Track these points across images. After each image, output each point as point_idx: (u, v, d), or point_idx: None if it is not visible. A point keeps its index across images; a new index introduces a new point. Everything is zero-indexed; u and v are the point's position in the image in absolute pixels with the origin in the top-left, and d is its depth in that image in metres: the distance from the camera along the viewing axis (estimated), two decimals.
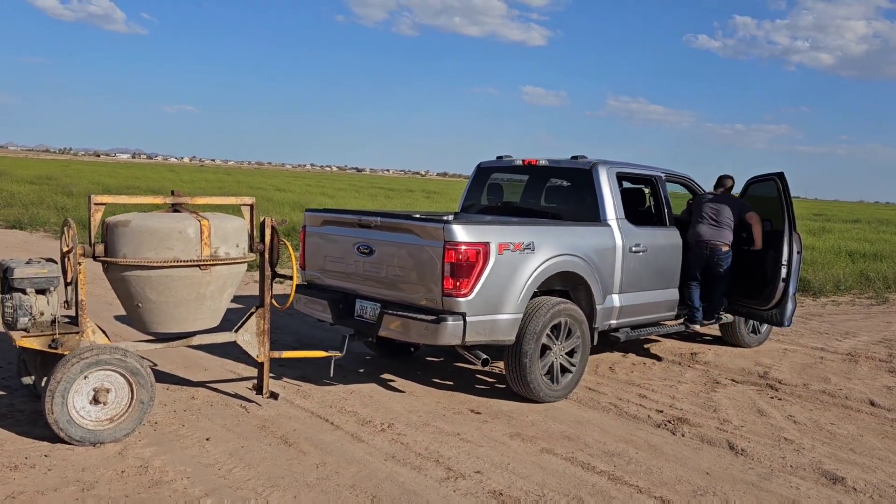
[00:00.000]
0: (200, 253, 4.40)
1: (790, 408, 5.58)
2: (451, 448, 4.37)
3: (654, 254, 6.32)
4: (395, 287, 5.26)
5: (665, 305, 6.63)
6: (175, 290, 4.40)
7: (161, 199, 4.62)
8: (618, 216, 6.09)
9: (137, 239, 4.29)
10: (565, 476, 4.06)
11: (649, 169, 6.84)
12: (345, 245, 5.57)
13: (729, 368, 6.75)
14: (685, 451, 4.55)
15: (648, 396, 5.69)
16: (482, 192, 7.21)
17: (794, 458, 4.51)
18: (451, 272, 4.90)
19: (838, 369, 6.89)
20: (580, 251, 5.64)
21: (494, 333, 5.11)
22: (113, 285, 4.53)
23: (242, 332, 4.90)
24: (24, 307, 4.21)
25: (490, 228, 5.18)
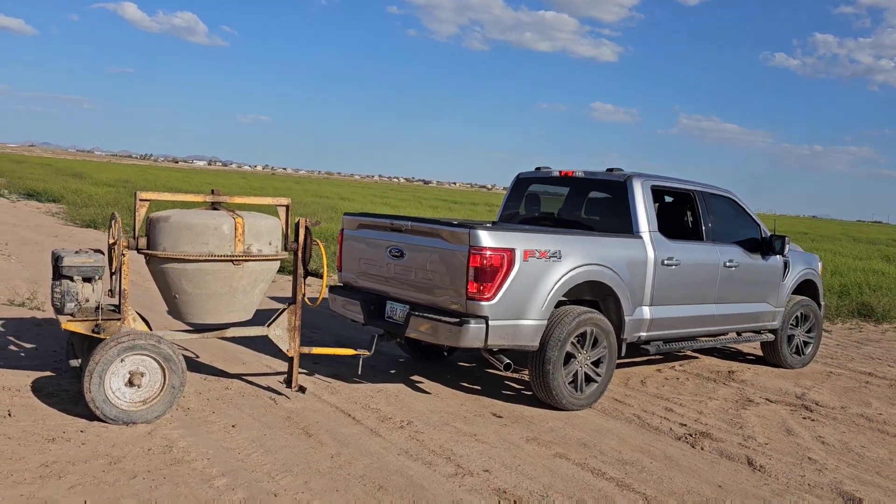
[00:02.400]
0: (234, 249, 4.65)
1: (822, 429, 5.46)
2: (465, 447, 4.47)
3: (688, 268, 6.28)
4: (423, 290, 5.40)
5: (701, 321, 6.55)
6: (209, 282, 4.67)
7: (202, 198, 4.90)
8: (651, 229, 6.10)
9: (176, 233, 4.57)
10: (573, 480, 4.11)
11: (687, 183, 6.81)
12: (378, 248, 5.75)
13: (766, 388, 6.63)
14: (701, 464, 4.53)
15: (675, 410, 5.66)
16: (521, 202, 7.30)
17: (813, 477, 4.44)
18: (475, 276, 5.01)
19: (883, 394, 6.68)
20: (609, 262, 5.66)
21: (517, 338, 5.19)
22: (154, 277, 4.82)
23: (274, 327, 5.12)
24: (71, 293, 4.52)
25: (516, 235, 5.26)
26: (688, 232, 6.81)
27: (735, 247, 6.86)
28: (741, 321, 7.00)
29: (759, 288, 7.09)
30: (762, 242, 7.08)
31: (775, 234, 7.13)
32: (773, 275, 7.18)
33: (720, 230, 6.85)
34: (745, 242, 7.00)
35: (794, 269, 7.46)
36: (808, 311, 7.67)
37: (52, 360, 5.58)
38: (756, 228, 7.19)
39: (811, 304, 7.71)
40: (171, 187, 32.32)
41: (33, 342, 6.11)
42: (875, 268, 17.22)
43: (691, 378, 6.78)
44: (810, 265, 7.81)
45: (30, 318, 6.97)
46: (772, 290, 7.20)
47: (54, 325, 6.54)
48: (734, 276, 6.74)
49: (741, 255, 6.85)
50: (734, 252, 6.80)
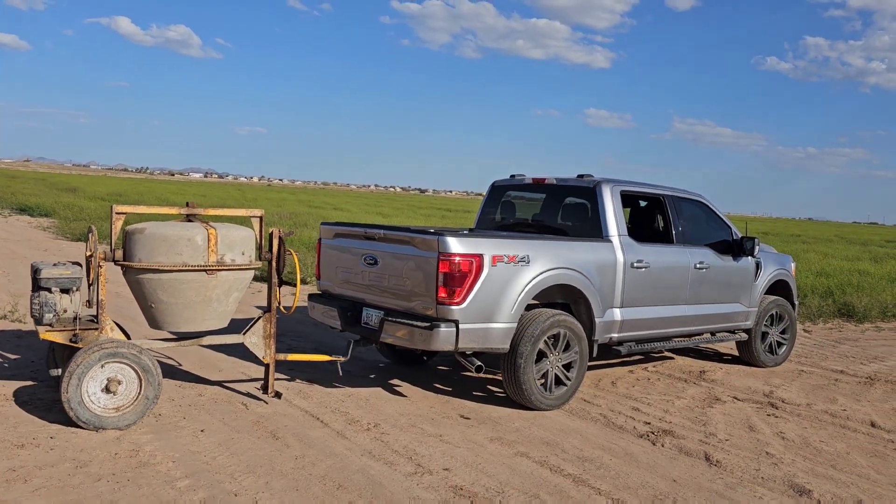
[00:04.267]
0: (207, 259, 4.80)
1: (784, 425, 5.57)
2: (428, 447, 4.58)
3: (658, 270, 6.43)
4: (397, 296, 5.55)
5: (673, 321, 6.70)
6: (183, 292, 4.81)
7: (176, 210, 5.06)
8: (620, 232, 6.24)
9: (151, 245, 4.72)
10: (531, 477, 4.22)
11: (657, 188, 6.99)
12: (353, 256, 5.92)
13: (735, 387, 6.75)
14: (660, 460, 4.64)
15: (641, 409, 5.78)
16: (497, 209, 7.45)
17: (768, 470, 4.55)
18: (444, 282, 5.16)
19: (850, 391, 6.80)
20: (578, 265, 5.81)
21: (488, 341, 5.35)
22: (130, 287, 4.96)
23: (250, 334, 5.27)
24: (49, 304, 4.63)
25: (484, 241, 5.40)
26: (658, 235, 6.96)
27: (706, 249, 7.01)
28: (714, 321, 7.15)
29: (731, 289, 7.24)
30: (733, 244, 7.23)
31: (746, 237, 7.29)
32: (745, 276, 7.34)
33: (691, 233, 6.99)
34: (716, 245, 7.14)
35: (767, 270, 7.61)
36: (781, 311, 7.83)
37: (30, 371, 5.70)
38: (727, 231, 7.34)
39: (785, 303, 7.87)
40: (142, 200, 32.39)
41: (14, 353, 6.23)
42: (861, 268, 17.35)
43: (662, 378, 6.90)
44: (783, 266, 7.96)
45: (12, 330, 7.08)
46: (744, 290, 7.35)
47: (35, 337, 6.65)
48: (705, 278, 6.89)
49: (712, 256, 7.00)
50: (705, 254, 6.94)
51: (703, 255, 6.92)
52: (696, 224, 7.14)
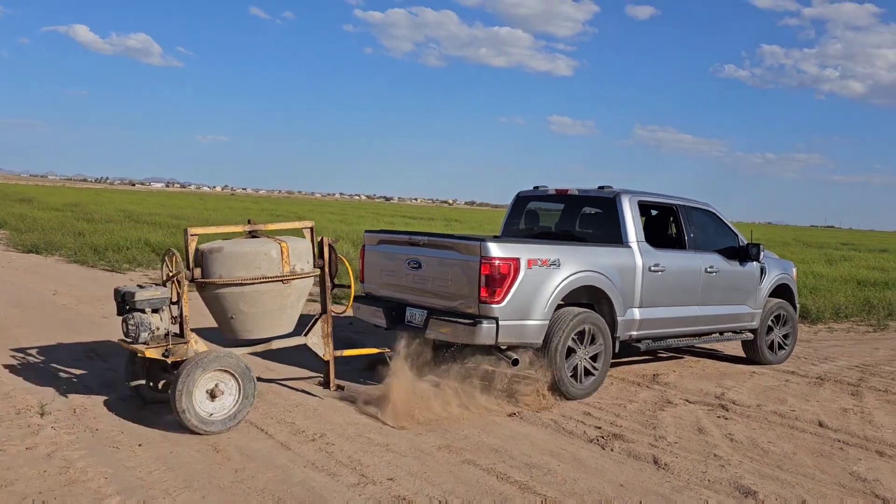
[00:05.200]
0: (282, 270, 5.19)
1: (733, 427, 5.60)
2: (373, 457, 4.49)
3: (673, 274, 6.90)
4: (440, 296, 6.04)
5: (686, 321, 7.16)
6: (263, 302, 5.20)
7: (241, 228, 5.42)
8: (638, 239, 6.75)
9: (231, 262, 5.06)
10: (476, 485, 4.16)
11: (670, 198, 7.45)
12: (397, 260, 6.41)
13: (687, 389, 6.78)
14: (608, 465, 4.61)
15: (592, 414, 5.76)
16: (521, 218, 7.92)
17: (715, 473, 4.55)
18: (486, 282, 5.67)
19: (800, 392, 6.88)
20: (602, 268, 6.32)
21: (524, 336, 5.85)
22: (207, 302, 5.26)
23: (311, 335, 5.70)
24: (145, 324, 4.91)
25: (520, 246, 5.92)
26: (672, 241, 7.37)
27: (715, 254, 7.45)
28: (723, 321, 7.59)
29: (739, 291, 7.68)
30: (739, 250, 7.67)
31: (751, 243, 7.74)
32: (751, 279, 7.77)
33: (701, 239, 7.42)
34: (724, 250, 7.58)
35: (770, 274, 8.02)
36: (784, 313, 8.23)
37: None
38: (734, 237, 7.78)
39: (787, 306, 8.27)
40: (99, 211, 31.82)
41: None
42: (816, 271, 17.70)
43: (616, 382, 6.89)
44: (785, 270, 8.40)
45: None
46: (750, 293, 7.78)
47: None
48: (715, 281, 7.34)
49: (721, 261, 7.45)
50: (714, 259, 7.39)
51: (713, 259, 7.37)
52: (706, 231, 7.58)
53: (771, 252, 8.52)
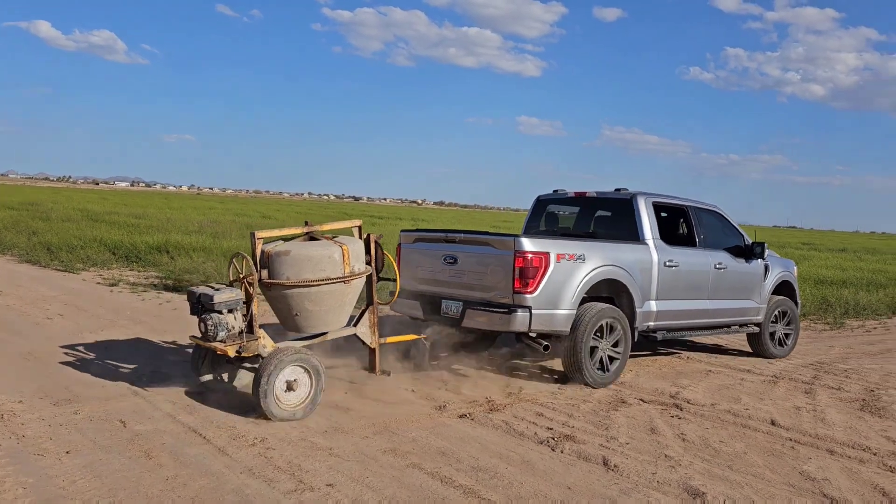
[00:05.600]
0: (343, 271, 5.53)
1: (686, 426, 5.54)
2: (315, 462, 4.33)
3: (685, 269, 7.38)
4: (475, 288, 6.53)
5: (698, 313, 7.62)
6: (326, 300, 5.55)
7: (300, 230, 5.72)
8: (654, 236, 7.22)
9: (298, 264, 5.38)
10: (419, 490, 4.02)
11: (681, 199, 7.92)
12: (433, 257, 6.85)
13: (643, 389, 6.72)
14: (557, 467, 4.51)
15: (545, 415, 5.66)
16: (540, 220, 8.39)
17: (665, 473, 4.47)
18: (519, 275, 6.17)
19: (754, 390, 6.86)
20: (622, 263, 6.80)
21: (553, 324, 6.33)
22: (272, 301, 5.60)
23: (360, 325, 6.00)
24: (222, 324, 5.25)
25: (550, 241, 6.45)
26: (684, 239, 7.81)
27: (723, 252, 7.93)
28: (731, 315, 8.04)
29: (745, 287, 8.16)
30: (745, 248, 8.16)
31: (756, 242, 8.22)
32: (756, 276, 8.25)
33: (710, 238, 7.92)
34: (731, 248, 8.07)
35: (773, 272, 8.48)
36: (786, 308, 8.69)
37: None
38: (740, 237, 8.28)
39: (789, 302, 8.74)
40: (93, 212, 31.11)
41: None
42: None
43: (570, 384, 6.80)
44: (787, 269, 8.89)
45: None
46: (755, 288, 8.26)
47: None
48: (723, 277, 7.83)
49: (728, 259, 7.93)
50: (722, 256, 7.88)
51: (721, 257, 7.85)
52: (714, 230, 8.06)
53: (773, 251, 8.87)
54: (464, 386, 6.34)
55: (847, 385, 7.22)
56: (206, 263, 13.51)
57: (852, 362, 8.55)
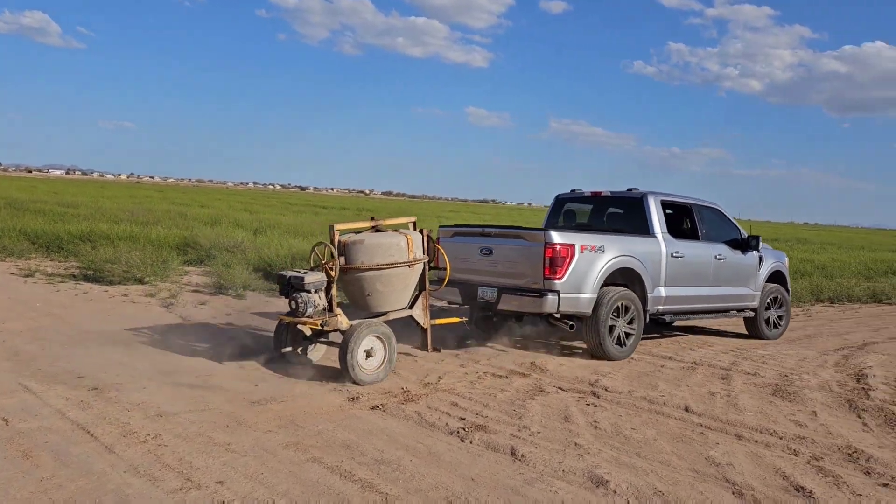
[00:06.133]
0: (408, 257, 6.40)
1: (600, 414, 5.51)
2: (208, 458, 4.14)
3: (690, 259, 8.31)
4: (508, 276, 7.41)
5: (701, 299, 8.55)
6: (394, 282, 6.41)
7: (368, 223, 6.58)
8: (662, 230, 8.15)
9: (371, 251, 6.27)
10: (315, 485, 3.87)
11: (685, 198, 8.83)
12: (470, 249, 7.71)
13: (563, 377, 6.69)
14: (463, 458, 4.41)
15: (460, 405, 5.56)
16: (559, 216, 9.32)
17: (572, 462, 4.41)
18: (549, 263, 7.09)
19: (673, 377, 6.90)
20: (635, 254, 7.73)
21: (578, 307, 7.27)
22: (346, 284, 6.42)
23: (415, 308, 6.78)
24: (311, 302, 6.09)
25: (574, 234, 7.39)
26: (688, 233, 8.69)
27: (722, 244, 8.84)
28: (730, 300, 8.96)
29: (741, 275, 9.06)
30: (742, 241, 9.02)
31: (751, 235, 9.05)
32: (751, 266, 9.17)
33: (710, 232, 8.83)
34: (729, 241, 8.95)
35: (767, 262, 9.41)
36: (779, 295, 9.58)
37: None
38: (737, 231, 9.14)
39: (781, 290, 9.64)
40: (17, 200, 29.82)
41: None
42: None
43: (492, 372, 6.74)
44: (779, 260, 9.81)
45: None
46: (751, 277, 9.17)
47: None
48: (723, 267, 8.74)
49: (727, 250, 8.84)
50: (722, 248, 8.79)
51: (721, 249, 8.77)
52: (714, 225, 8.96)
53: (767, 244, 9.73)
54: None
55: (763, 370, 7.33)
56: (131, 252, 13.02)
57: (770, 348, 8.73)
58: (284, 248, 14.43)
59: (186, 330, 7.98)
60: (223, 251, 14.53)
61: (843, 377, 7.14)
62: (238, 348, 6.97)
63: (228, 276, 11.61)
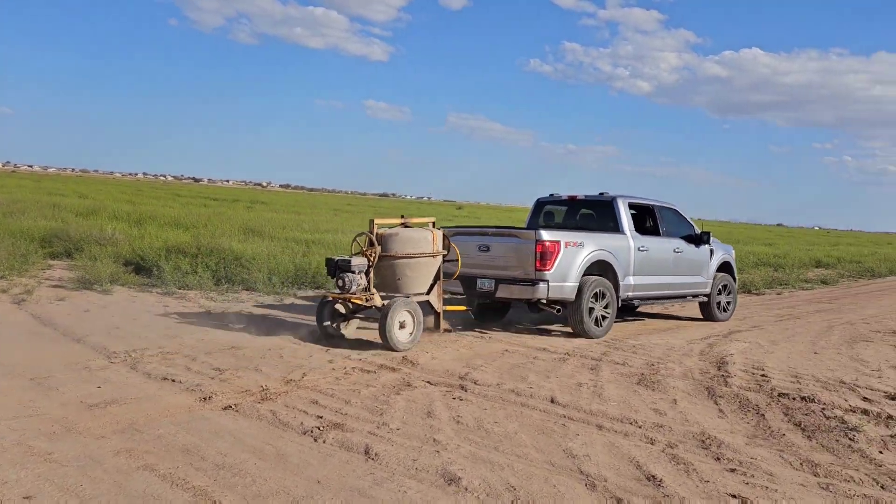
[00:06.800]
0: (433, 249, 7.80)
1: (465, 408, 5.40)
2: (21, 470, 3.73)
3: (653, 252, 9.72)
4: (504, 269, 8.61)
5: (663, 286, 9.94)
6: (420, 269, 7.77)
7: (398, 221, 7.90)
8: (630, 228, 9.55)
9: (404, 243, 7.60)
10: (140, 496, 3.54)
11: (647, 199, 10.30)
12: (470, 246, 8.74)
13: (434, 371, 6.56)
14: (313, 459, 4.18)
15: (320, 402, 5.32)
16: (539, 217, 10.81)
17: (427, 460, 4.27)
18: (539, 257, 8.34)
19: (544, 368, 6.91)
20: (609, 248, 9.07)
21: (563, 293, 8.53)
22: (381, 269, 7.60)
23: (431, 294, 8.04)
24: (355, 281, 7.27)
25: (560, 232, 8.73)
26: (651, 230, 10.08)
27: (679, 240, 10.28)
28: (687, 287, 10.40)
29: (696, 266, 10.50)
30: (695, 237, 10.45)
31: (703, 231, 10.50)
32: (704, 258, 10.62)
33: (670, 229, 10.26)
34: (685, 237, 10.39)
35: (717, 255, 10.86)
36: (727, 283, 11.05)
37: None
38: (691, 228, 10.59)
39: (729, 278, 11.12)
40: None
41: None
42: None
43: (361, 366, 6.53)
44: (727, 252, 11.28)
45: None
46: (703, 267, 10.63)
47: None
48: (681, 258, 10.20)
49: (683, 244, 10.29)
50: (679, 243, 10.25)
51: (678, 243, 10.22)
52: (673, 223, 10.38)
53: (716, 239, 11.19)
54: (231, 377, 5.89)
55: (632, 360, 7.47)
56: None
57: (642, 338, 8.94)
58: (160, 241, 13.71)
59: (32, 327, 7.35)
60: (93, 244, 13.66)
61: (706, 365, 7.37)
62: (90, 348, 6.47)
63: (94, 271, 10.88)
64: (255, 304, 10.26)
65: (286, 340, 7.56)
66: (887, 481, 4.32)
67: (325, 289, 11.73)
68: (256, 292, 11.36)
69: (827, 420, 5.53)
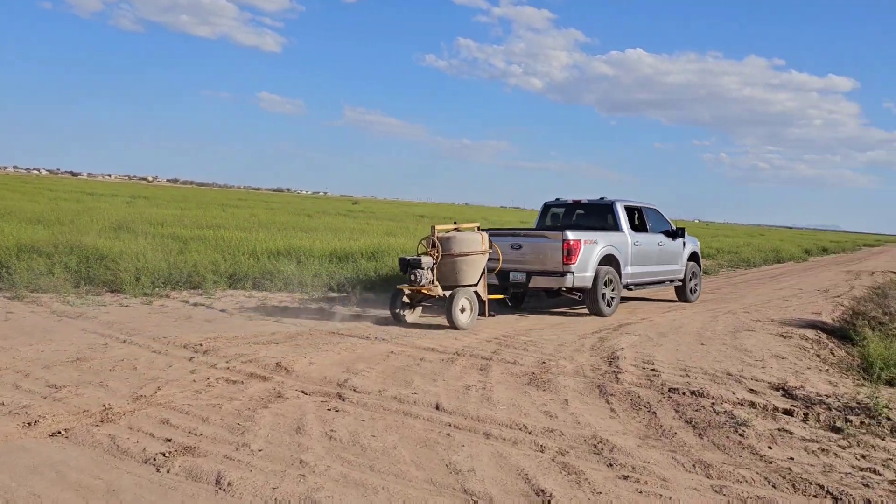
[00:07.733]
0: (483, 248, 9.30)
1: (341, 420, 4.87)
2: None
3: (644, 246, 11.75)
4: (534, 264, 10.29)
5: (651, 274, 12.03)
6: (473, 265, 9.24)
7: (452, 226, 9.51)
8: (627, 227, 11.58)
9: (460, 243, 9.14)
10: None
11: (637, 202, 12.26)
12: (503, 245, 10.22)
13: (310, 378, 5.98)
14: (151, 494, 3.54)
15: (172, 421, 4.65)
16: (546, 218, 12.87)
17: (289, 487, 3.71)
18: (566, 253, 10.07)
19: (430, 371, 6.46)
20: (614, 244, 10.96)
21: (584, 282, 10.33)
22: (442, 266, 9.09)
23: (479, 285, 9.36)
24: (425, 276, 8.90)
25: (580, 233, 10.47)
26: (641, 228, 12.05)
27: (661, 235, 12.35)
28: (667, 275, 12.50)
29: (673, 256, 12.62)
30: (672, 232, 12.61)
31: (678, 227, 12.73)
32: (679, 249, 12.76)
33: (654, 226, 12.32)
34: (665, 232, 12.50)
35: (688, 247, 13.04)
36: (695, 270, 13.32)
37: None
38: (668, 225, 12.77)
39: (696, 266, 13.37)
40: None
41: None
42: None
43: (228, 376, 5.86)
44: (695, 244, 13.53)
45: None
46: (678, 257, 12.77)
47: None
48: (663, 251, 12.27)
49: (664, 239, 12.37)
50: (661, 238, 12.31)
51: (661, 238, 12.29)
52: (655, 221, 12.45)
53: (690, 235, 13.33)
54: None
55: (523, 358, 7.15)
56: None
57: (534, 334, 8.68)
58: (12, 240, 12.35)
59: None
60: None
61: (597, 360, 7.15)
62: None
63: None
64: (120, 307, 9.31)
65: (144, 349, 6.77)
66: (778, 479, 4.15)
67: (202, 288, 11.01)
68: (122, 294, 10.37)
69: (717, 416, 5.37)
